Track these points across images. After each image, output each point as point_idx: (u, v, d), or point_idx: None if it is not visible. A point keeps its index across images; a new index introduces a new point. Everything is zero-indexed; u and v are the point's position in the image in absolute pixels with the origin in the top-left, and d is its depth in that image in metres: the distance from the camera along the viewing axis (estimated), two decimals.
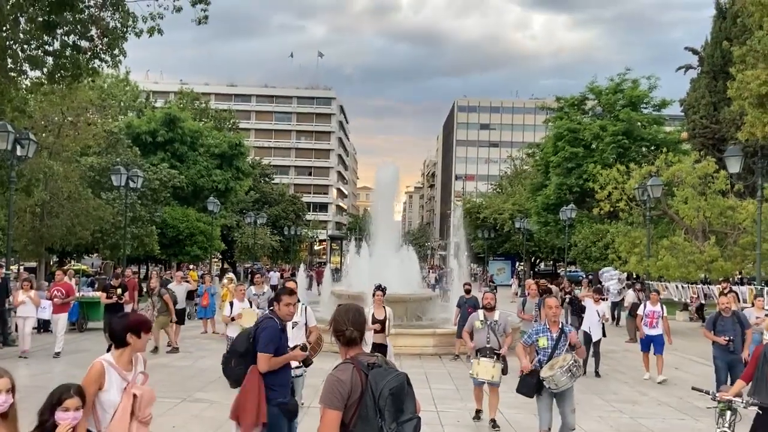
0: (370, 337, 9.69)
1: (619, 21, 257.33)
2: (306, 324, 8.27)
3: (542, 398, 7.30)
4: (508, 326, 9.46)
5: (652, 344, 13.22)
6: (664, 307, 13.44)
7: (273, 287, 20.77)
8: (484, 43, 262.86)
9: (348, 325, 3.57)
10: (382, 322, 10.09)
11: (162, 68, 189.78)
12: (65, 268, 36.04)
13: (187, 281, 18.10)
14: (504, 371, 8.90)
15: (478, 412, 9.48)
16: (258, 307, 12.17)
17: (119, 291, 14.78)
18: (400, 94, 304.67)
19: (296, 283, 9.16)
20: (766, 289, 19.84)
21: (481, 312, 9.48)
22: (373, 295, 10.36)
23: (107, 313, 14.49)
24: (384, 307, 10.30)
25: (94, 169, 30.73)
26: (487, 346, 8.98)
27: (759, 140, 18.59)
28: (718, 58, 32.73)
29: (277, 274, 35.42)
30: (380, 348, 9.74)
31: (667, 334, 13.27)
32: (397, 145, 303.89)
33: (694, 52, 39.21)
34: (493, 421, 9.04)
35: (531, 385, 7.27)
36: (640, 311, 13.70)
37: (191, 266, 41.89)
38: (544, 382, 7.07)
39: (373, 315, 10.07)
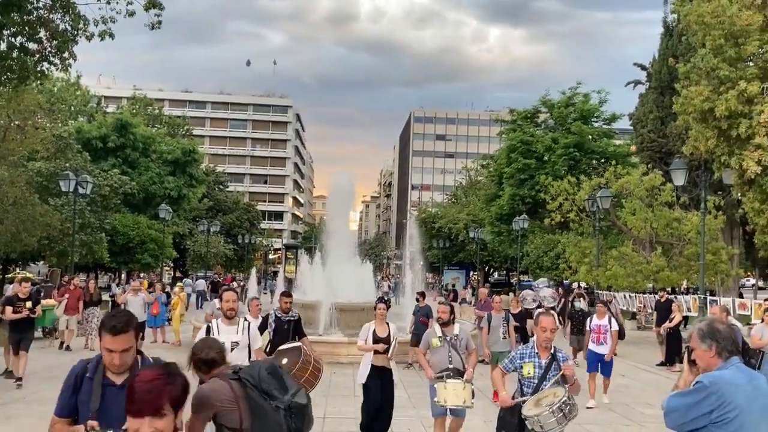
0: (369, 359, 8.16)
1: (573, 36, 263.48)
2: (249, 346, 6.57)
3: None
4: (471, 341, 7.99)
5: (599, 364, 11.79)
6: (613, 321, 12.12)
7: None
8: (441, 55, 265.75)
9: (204, 349, 3.84)
10: (386, 341, 8.18)
11: (115, 73, 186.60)
12: (11, 275, 34.92)
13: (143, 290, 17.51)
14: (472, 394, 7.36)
15: None
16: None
17: (29, 304, 12.40)
18: (358, 103, 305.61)
19: (237, 293, 7.45)
20: (708, 298, 20.52)
21: (437, 327, 7.86)
22: (375, 308, 8.63)
23: (13, 332, 12.32)
24: (387, 323, 8.48)
25: (41, 175, 29.93)
26: (450, 366, 7.40)
27: (702, 154, 19.26)
28: (665, 75, 33.73)
29: (240, 283, 34.61)
30: (383, 372, 8.15)
31: (612, 350, 12.01)
32: (354, 154, 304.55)
33: (643, 68, 40.37)
34: None
35: (512, 426, 5.85)
36: (587, 326, 12.36)
37: (142, 275, 41.08)
38: (527, 423, 5.46)
39: (374, 332, 8.25)
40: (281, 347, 7.37)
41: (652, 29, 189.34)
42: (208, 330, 6.42)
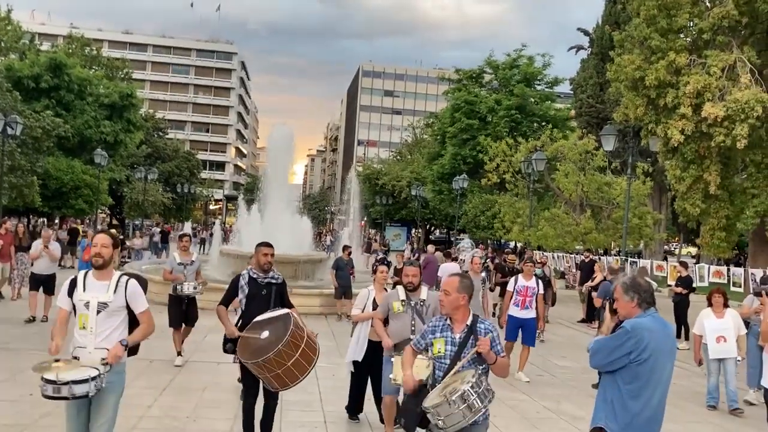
0: (365, 332, 6.97)
1: None
2: (127, 306, 4.68)
3: None
4: (439, 309, 6.75)
5: (521, 330, 10.28)
6: (540, 282, 10.77)
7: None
8: (393, 9, 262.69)
9: None
10: None
11: (50, 9, 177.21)
12: None
13: (58, 240, 16.25)
14: None
15: None
16: (186, 281, 10.04)
17: None
18: (307, 53, 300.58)
19: (113, 237, 5.04)
20: (629, 260, 21.52)
21: (400, 289, 6.53)
22: (374, 271, 7.29)
23: None
24: (386, 290, 7.14)
25: None
26: (412, 336, 5.87)
27: (632, 121, 19.95)
28: (607, 41, 34.34)
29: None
30: (378, 347, 6.79)
31: (540, 318, 10.93)
32: (302, 106, 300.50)
33: (586, 33, 41.01)
34: None
35: (414, 416, 4.46)
36: (510, 287, 10.66)
37: (77, 221, 40.16)
38: (429, 416, 4.24)
39: (374, 302, 6.97)
40: (259, 317, 5.91)
41: None
42: (72, 283, 4.68)
